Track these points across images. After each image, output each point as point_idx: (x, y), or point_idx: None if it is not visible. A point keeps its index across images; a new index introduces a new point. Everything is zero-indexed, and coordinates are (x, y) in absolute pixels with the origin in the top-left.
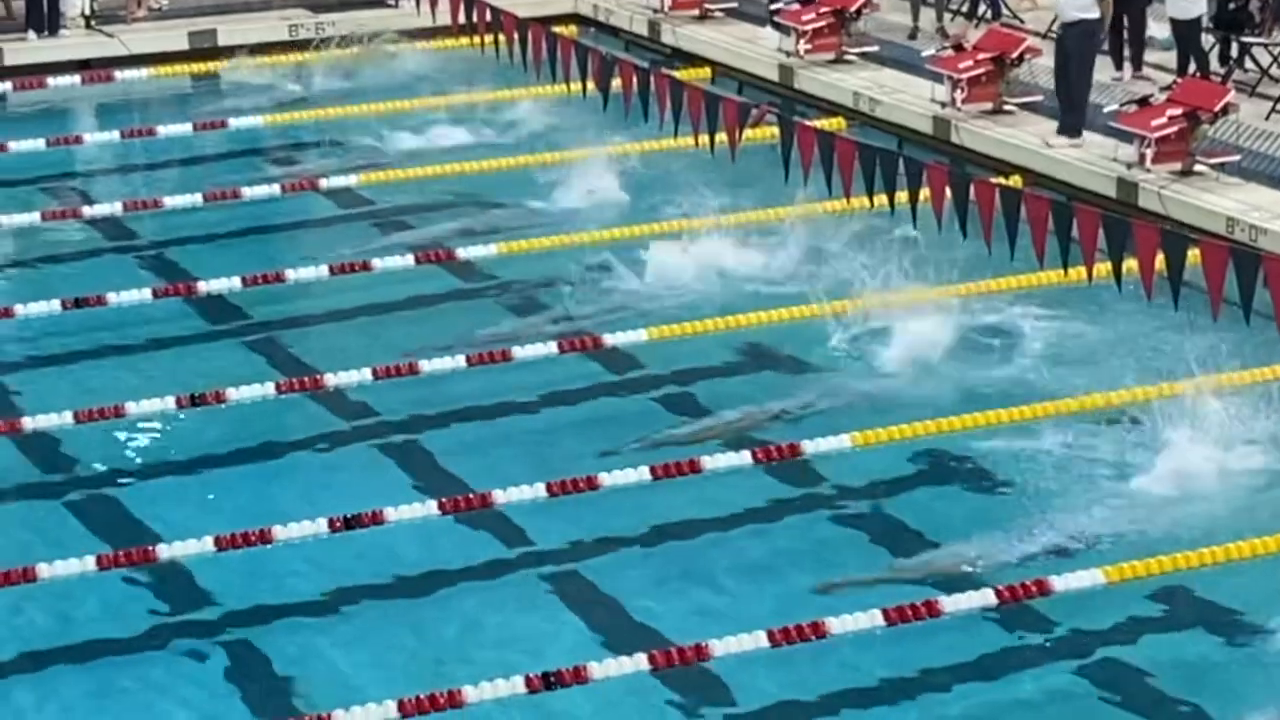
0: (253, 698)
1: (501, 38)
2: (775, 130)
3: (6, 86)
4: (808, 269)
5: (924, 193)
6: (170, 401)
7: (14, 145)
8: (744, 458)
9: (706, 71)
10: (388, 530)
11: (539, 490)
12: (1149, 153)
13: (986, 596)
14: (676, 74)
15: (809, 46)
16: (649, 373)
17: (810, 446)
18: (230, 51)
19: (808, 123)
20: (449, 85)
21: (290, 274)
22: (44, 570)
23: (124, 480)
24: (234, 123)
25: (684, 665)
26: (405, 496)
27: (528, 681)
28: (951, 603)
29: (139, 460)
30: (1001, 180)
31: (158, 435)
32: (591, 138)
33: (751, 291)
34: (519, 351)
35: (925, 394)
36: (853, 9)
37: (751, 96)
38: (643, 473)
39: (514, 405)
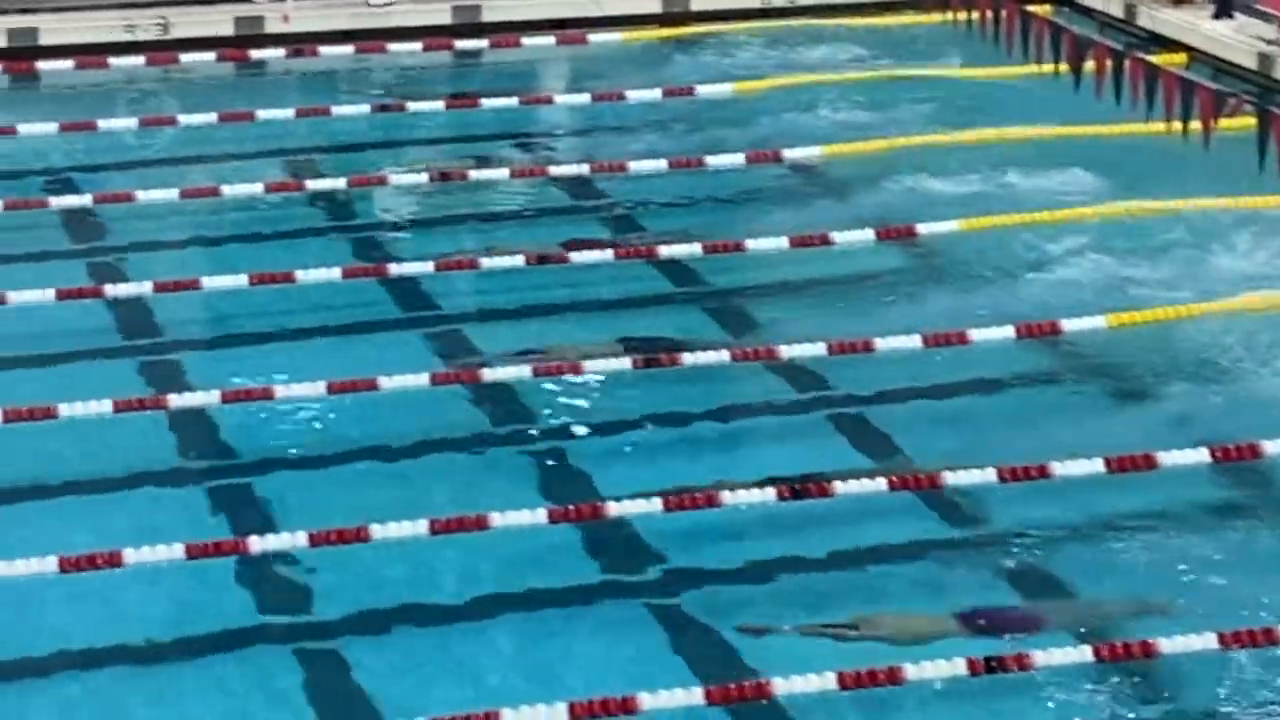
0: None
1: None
2: (1251, 120)
3: (483, 44)
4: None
5: None
6: (626, 362)
7: (487, 103)
8: None
9: (1182, 57)
10: (835, 502)
11: (989, 474)
12: None
13: None
14: (1151, 58)
15: None
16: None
17: None
18: (699, 18)
19: None
20: (907, 59)
21: (750, 244)
22: (495, 519)
23: (574, 436)
24: (701, 90)
25: None
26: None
27: None
28: None
29: (593, 418)
30: None
31: (608, 394)
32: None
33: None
34: (975, 335)
35: None
36: None
37: (1228, 84)
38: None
39: (964, 386)
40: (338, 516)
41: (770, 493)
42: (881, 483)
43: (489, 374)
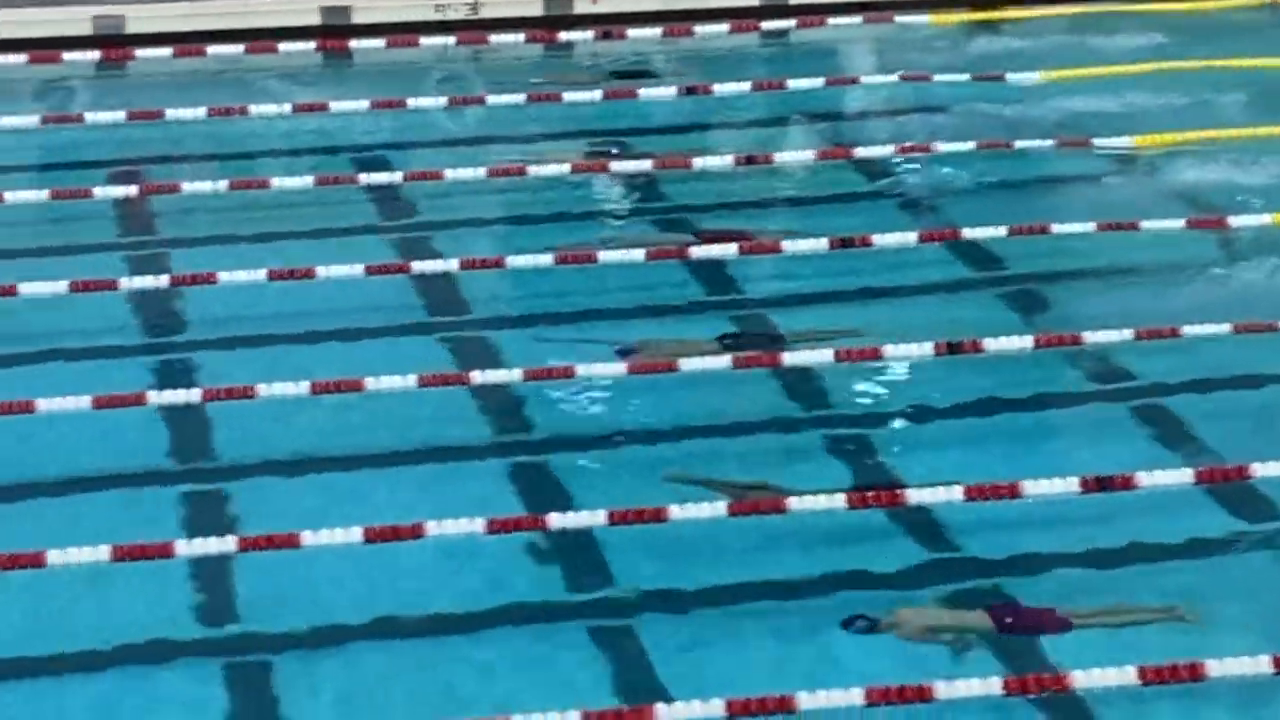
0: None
1: None
2: None
3: (790, 24)
4: None
5: None
6: (928, 347)
7: (793, 84)
8: None
9: None
10: (1138, 496)
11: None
12: None
13: None
14: None
15: None
16: None
17: None
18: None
19: None
20: (1218, 47)
21: (1056, 228)
22: (793, 503)
23: (873, 422)
24: (1011, 77)
25: None
26: (1155, 462)
27: None
28: None
29: (892, 404)
30: None
31: (908, 380)
32: None
33: None
34: None
35: None
36: None
37: None
38: None
39: (1274, 378)
40: (635, 497)
41: (1073, 483)
42: (1187, 475)
43: (789, 358)
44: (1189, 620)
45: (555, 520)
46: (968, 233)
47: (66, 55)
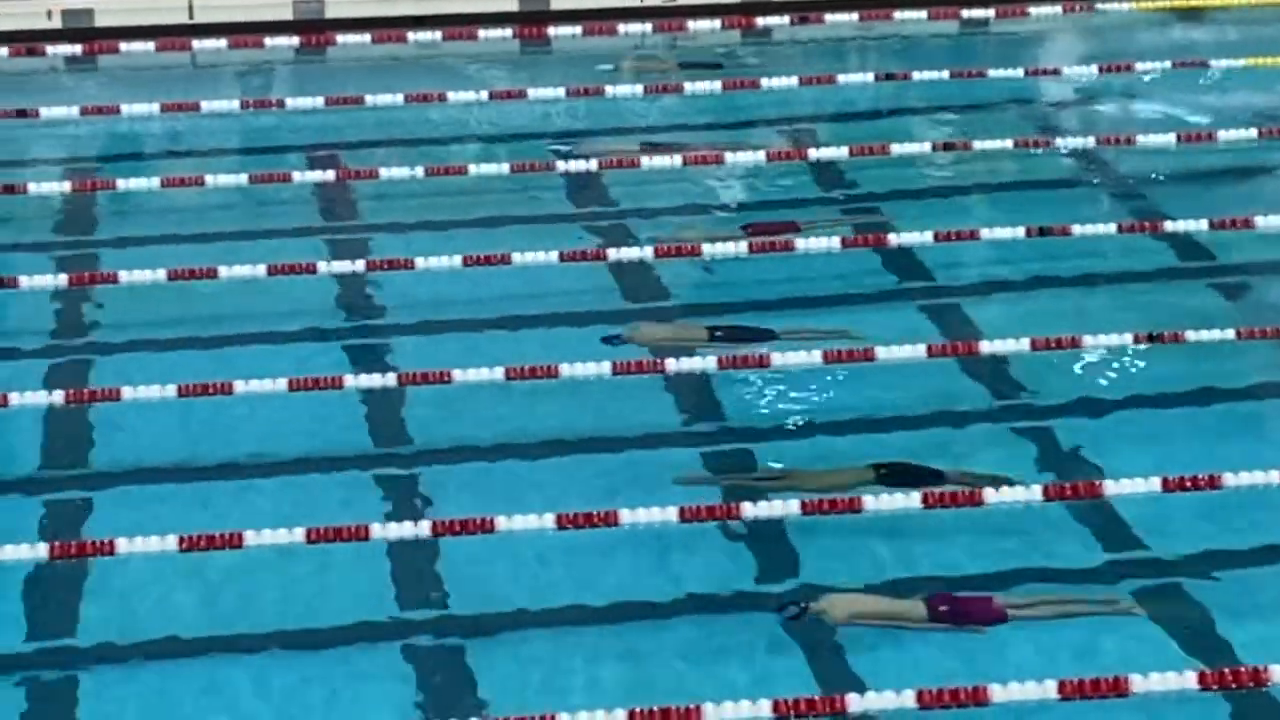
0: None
1: None
2: None
3: (989, 13)
4: None
5: None
6: (1128, 338)
7: (992, 72)
8: None
9: None
10: None
11: None
12: None
13: None
14: None
15: None
16: None
17: None
18: None
19: None
20: None
21: (1260, 220)
22: (989, 495)
23: (1072, 412)
24: (1214, 64)
25: None
26: None
27: None
28: None
29: (1093, 393)
30: None
31: (1109, 369)
32: None
33: None
34: None
35: None
36: None
37: None
38: None
39: None
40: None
41: (1275, 476)
42: None
43: (987, 347)
44: (1134, 614)
45: (748, 510)
46: (1169, 225)
47: (268, 40)
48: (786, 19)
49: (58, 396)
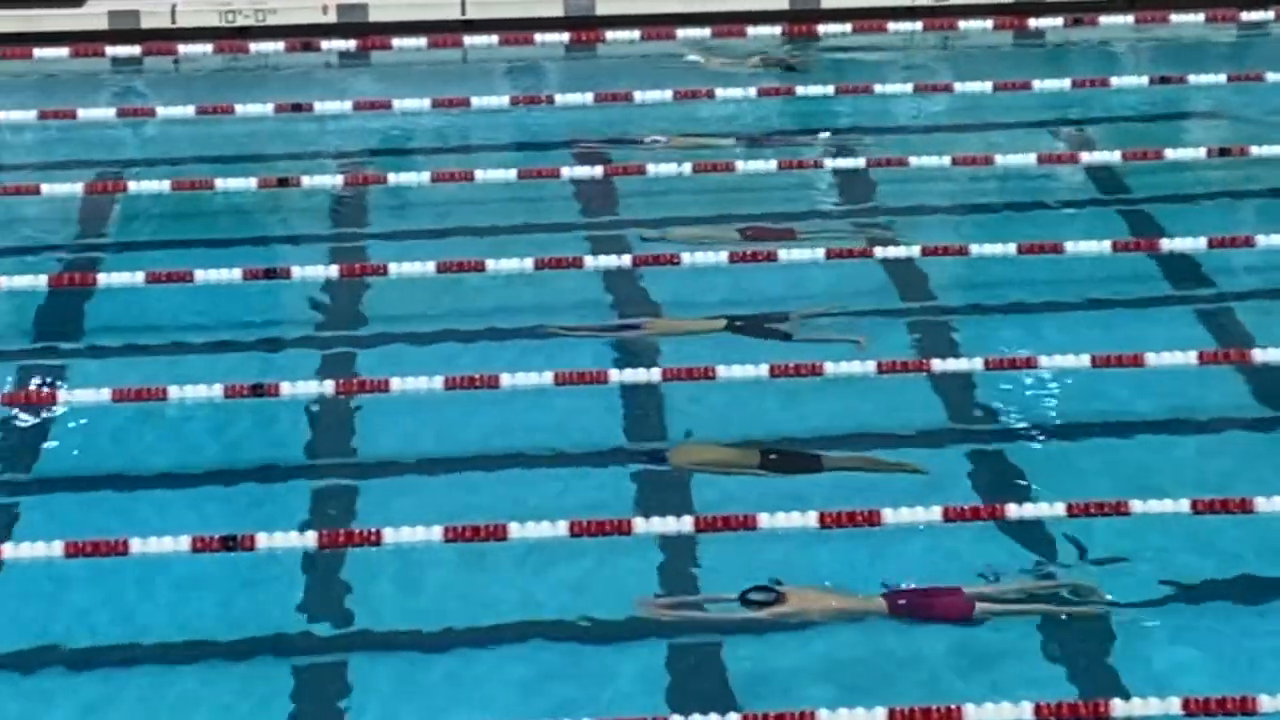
0: None
1: None
2: None
3: (1269, 15)
4: None
5: None
6: None
7: (1272, 76)
8: None
9: None
10: None
11: None
12: None
13: None
14: None
15: None
16: None
17: None
18: None
19: None
20: None
21: None
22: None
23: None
24: None
25: None
26: None
27: None
28: None
29: None
30: None
31: None
32: None
33: None
34: None
35: None
36: None
37: None
38: None
39: None
40: (1093, 489)
41: None
42: None
43: (1260, 355)
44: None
45: (1013, 511)
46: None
47: (538, 36)
48: (1060, 20)
49: (328, 386)
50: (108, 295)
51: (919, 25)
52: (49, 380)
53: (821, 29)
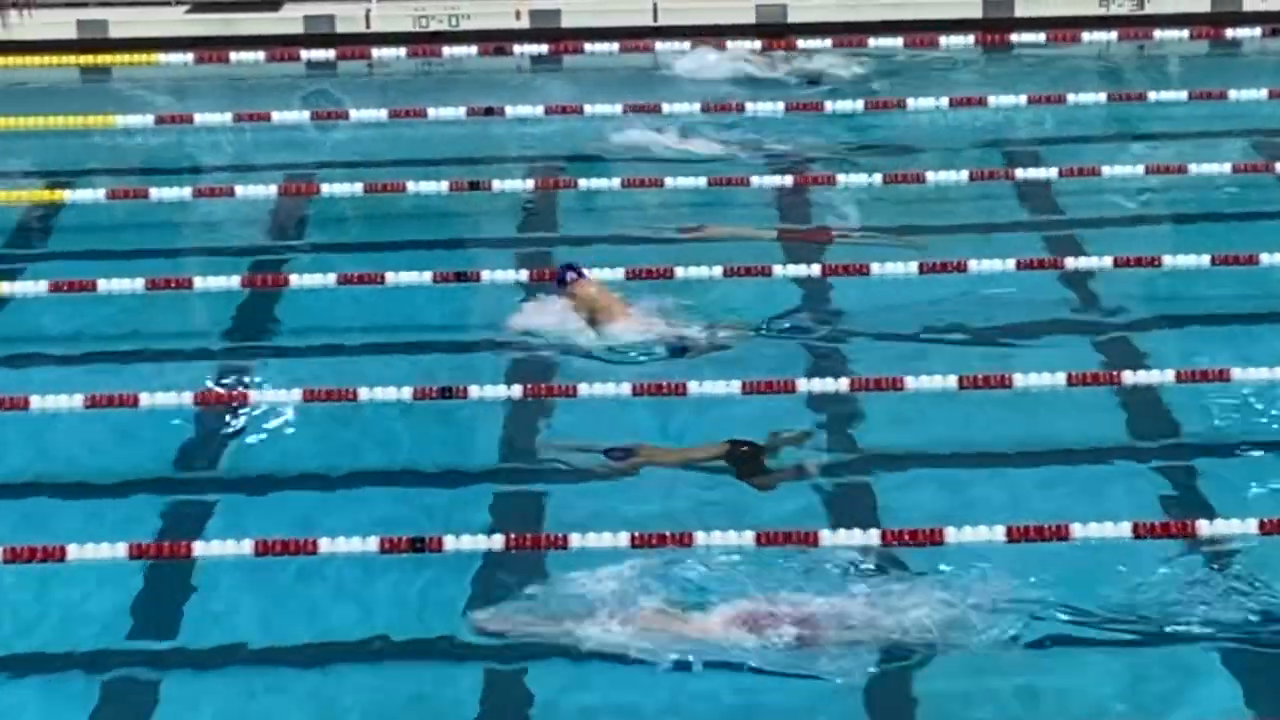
0: None
1: None
2: None
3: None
4: None
5: None
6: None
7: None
8: None
9: None
10: None
11: None
12: None
13: None
14: None
15: None
16: None
17: None
18: None
19: None
20: None
21: None
22: (1204, 527)
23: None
24: None
25: None
26: None
27: None
28: None
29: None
30: None
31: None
32: None
33: None
34: None
35: None
36: None
37: None
38: None
39: None
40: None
41: None
42: None
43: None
44: None
45: (1204, 528)
46: None
47: (729, 43)
48: (1258, 30)
49: (515, 391)
50: (296, 296)
51: (1114, 35)
52: (241, 379)
53: (1014, 37)
